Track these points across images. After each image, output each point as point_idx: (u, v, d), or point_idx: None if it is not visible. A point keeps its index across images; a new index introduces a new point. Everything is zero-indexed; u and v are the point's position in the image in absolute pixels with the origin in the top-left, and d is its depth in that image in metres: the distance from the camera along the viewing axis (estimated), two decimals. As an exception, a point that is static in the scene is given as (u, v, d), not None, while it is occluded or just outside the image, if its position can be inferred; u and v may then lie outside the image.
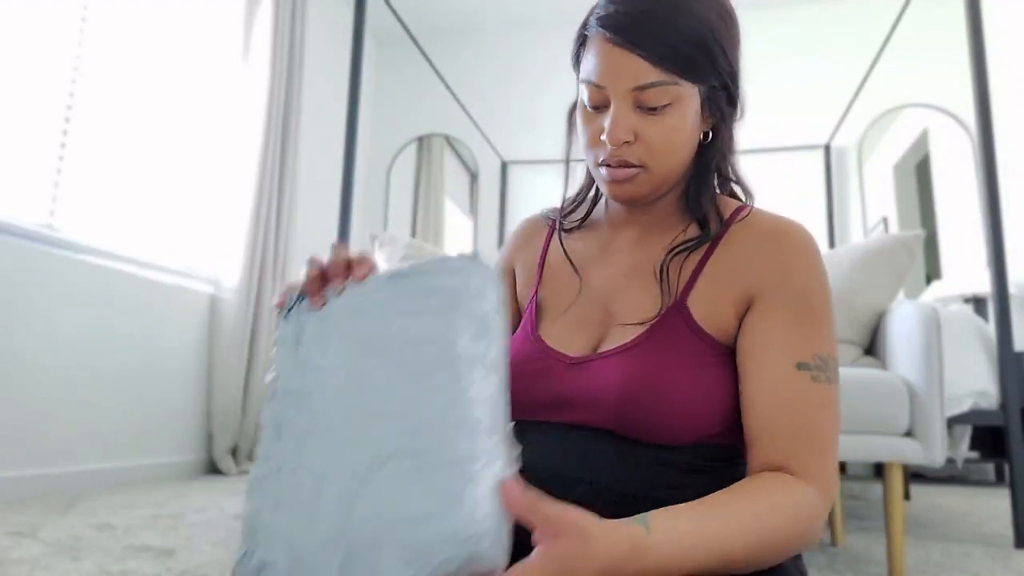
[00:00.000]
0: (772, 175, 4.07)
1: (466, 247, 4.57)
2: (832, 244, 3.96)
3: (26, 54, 2.31)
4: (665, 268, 0.67)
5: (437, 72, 3.34)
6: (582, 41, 0.68)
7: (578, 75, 0.70)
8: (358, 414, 0.48)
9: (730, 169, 0.74)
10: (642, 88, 0.63)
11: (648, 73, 0.62)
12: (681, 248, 0.68)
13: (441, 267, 0.51)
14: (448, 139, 4.67)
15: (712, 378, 0.63)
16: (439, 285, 0.50)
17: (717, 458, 0.64)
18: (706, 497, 0.55)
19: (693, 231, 0.70)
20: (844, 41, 4.11)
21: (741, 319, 0.65)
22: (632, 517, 0.50)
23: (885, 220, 3.90)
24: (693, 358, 0.64)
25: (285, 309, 0.56)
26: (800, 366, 0.61)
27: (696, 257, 0.68)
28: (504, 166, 4.54)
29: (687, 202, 0.71)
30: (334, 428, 0.49)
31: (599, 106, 0.66)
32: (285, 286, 0.57)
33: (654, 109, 0.63)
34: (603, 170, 0.67)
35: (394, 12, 2.83)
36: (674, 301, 0.66)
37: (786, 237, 0.66)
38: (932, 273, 3.75)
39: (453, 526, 0.42)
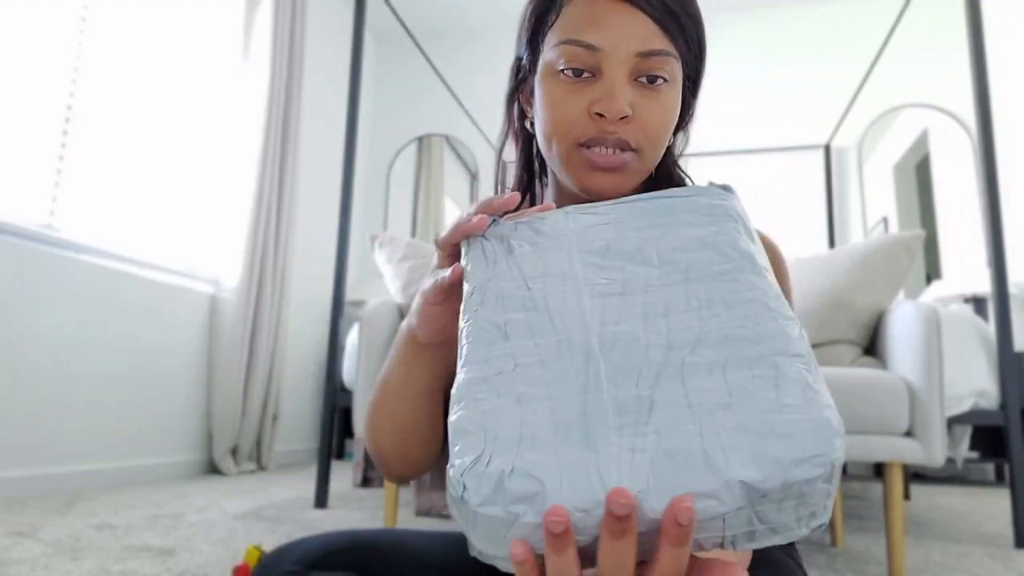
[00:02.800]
0: (772, 175, 4.07)
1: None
2: (832, 244, 3.96)
3: (26, 54, 2.31)
4: None
5: (437, 72, 3.33)
6: (553, 1, 0.58)
7: (535, 43, 0.60)
8: (627, 311, 0.42)
9: (683, 174, 0.68)
10: (646, 54, 0.54)
11: (655, 38, 0.54)
12: None
13: (684, 192, 0.47)
14: (448, 139, 4.67)
15: None
16: (692, 204, 0.46)
17: None
18: None
19: None
20: (844, 41, 4.11)
21: None
22: None
23: (885, 220, 3.90)
24: None
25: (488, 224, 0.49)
26: None
27: None
28: (504, 166, 4.54)
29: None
30: (594, 323, 0.42)
31: (584, 71, 0.55)
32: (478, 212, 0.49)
33: (654, 81, 0.55)
34: (587, 153, 0.56)
35: (394, 12, 2.83)
36: None
37: None
38: (932, 273, 3.75)
39: (815, 438, 0.36)
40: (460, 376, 0.42)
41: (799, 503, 0.35)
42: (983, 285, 3.10)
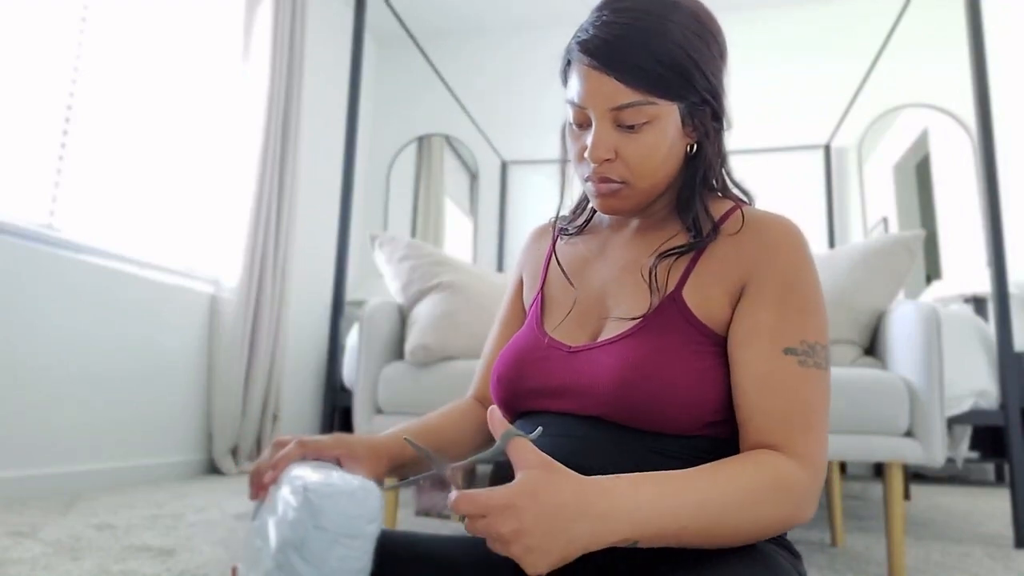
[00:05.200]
0: (772, 175, 4.07)
1: (466, 247, 4.57)
2: (832, 244, 3.96)
3: (26, 54, 2.31)
4: (653, 270, 0.70)
5: (437, 72, 3.34)
6: (567, 62, 0.71)
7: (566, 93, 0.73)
8: None
9: (725, 177, 0.76)
10: (619, 108, 0.66)
11: (623, 94, 0.66)
12: (669, 253, 0.70)
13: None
14: (448, 139, 4.67)
15: (707, 365, 0.65)
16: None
17: (716, 452, 0.64)
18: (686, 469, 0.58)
19: (686, 235, 0.73)
20: (844, 41, 4.11)
21: (734, 308, 0.68)
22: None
23: (885, 220, 3.90)
24: (689, 345, 0.66)
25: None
26: (787, 351, 0.64)
27: (688, 255, 0.71)
28: (504, 166, 4.54)
29: (678, 209, 0.74)
30: None
31: (583, 124, 0.70)
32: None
33: (632, 127, 0.67)
34: (589, 184, 0.71)
35: (394, 12, 2.83)
36: (669, 293, 0.69)
37: (771, 228, 0.69)
38: (932, 273, 3.75)
39: None
40: None
41: None
42: (983, 285, 3.09)
